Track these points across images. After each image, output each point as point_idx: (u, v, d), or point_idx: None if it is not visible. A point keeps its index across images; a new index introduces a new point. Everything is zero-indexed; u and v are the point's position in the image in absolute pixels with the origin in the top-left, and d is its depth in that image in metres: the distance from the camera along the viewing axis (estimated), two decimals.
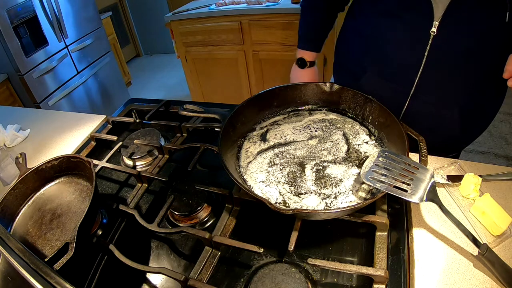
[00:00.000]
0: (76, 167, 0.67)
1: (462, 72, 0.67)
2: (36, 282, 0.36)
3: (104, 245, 0.58)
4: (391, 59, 0.72)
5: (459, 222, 0.48)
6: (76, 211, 0.62)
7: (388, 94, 0.64)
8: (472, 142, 0.84)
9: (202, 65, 2.43)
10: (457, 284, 0.48)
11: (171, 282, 0.54)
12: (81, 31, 2.47)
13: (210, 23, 2.18)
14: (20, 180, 0.65)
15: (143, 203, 0.70)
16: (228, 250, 0.57)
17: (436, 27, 0.62)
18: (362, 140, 0.66)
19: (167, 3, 3.75)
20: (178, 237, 0.62)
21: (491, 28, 0.60)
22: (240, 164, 0.64)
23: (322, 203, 0.55)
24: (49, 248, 0.57)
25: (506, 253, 0.50)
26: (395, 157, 0.53)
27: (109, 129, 0.93)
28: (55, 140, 0.94)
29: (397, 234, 0.55)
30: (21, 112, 1.15)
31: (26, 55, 2.05)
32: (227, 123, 0.64)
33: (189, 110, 0.76)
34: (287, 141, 0.68)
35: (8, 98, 2.11)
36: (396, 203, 0.60)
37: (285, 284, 0.49)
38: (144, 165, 0.80)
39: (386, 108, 0.62)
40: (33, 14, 2.07)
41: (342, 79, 0.89)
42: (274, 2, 2.01)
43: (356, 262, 0.54)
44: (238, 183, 0.53)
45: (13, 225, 0.63)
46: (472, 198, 0.58)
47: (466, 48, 0.63)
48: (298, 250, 0.55)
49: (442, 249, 0.52)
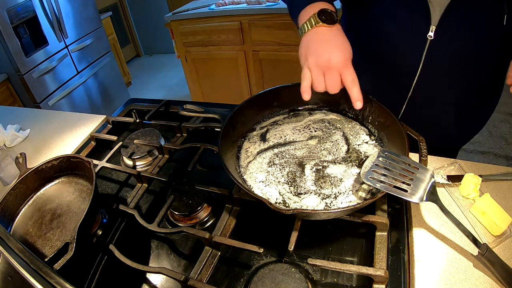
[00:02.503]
0: (76, 167, 0.67)
1: (459, 75, 0.68)
2: (36, 282, 0.36)
3: (104, 245, 0.58)
4: (389, 63, 0.72)
5: (459, 222, 0.48)
6: (76, 211, 0.62)
7: (385, 97, 0.64)
8: (472, 142, 0.85)
9: (202, 65, 2.43)
10: (457, 284, 0.48)
11: (171, 282, 0.54)
12: (81, 31, 2.47)
13: (210, 23, 2.18)
14: (20, 180, 0.65)
15: (143, 203, 0.70)
16: (228, 250, 0.57)
17: (433, 31, 0.62)
18: (362, 140, 0.66)
19: (167, 3, 3.75)
20: (178, 237, 0.62)
21: (488, 31, 0.61)
22: (240, 164, 0.64)
23: (322, 203, 0.55)
24: (49, 248, 0.57)
25: (506, 253, 0.50)
26: (395, 157, 0.53)
27: (109, 129, 0.93)
28: (55, 140, 0.94)
29: (397, 234, 0.55)
30: (21, 112, 1.15)
31: (26, 55, 2.05)
32: (227, 123, 0.64)
33: (189, 110, 0.76)
34: (287, 141, 0.68)
35: (8, 98, 2.11)
36: (396, 203, 0.60)
37: (285, 284, 0.49)
38: (144, 165, 0.80)
39: (386, 108, 0.62)
40: (33, 14, 2.07)
41: None
42: (274, 2, 2.01)
43: (356, 262, 0.54)
44: (238, 183, 0.53)
45: (13, 225, 0.63)
46: (472, 198, 0.58)
47: (464, 52, 0.64)
48: (298, 250, 0.55)
49: (442, 249, 0.52)
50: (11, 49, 1.96)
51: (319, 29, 0.58)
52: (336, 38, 0.58)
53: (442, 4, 0.59)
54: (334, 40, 0.57)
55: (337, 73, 0.56)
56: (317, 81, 0.57)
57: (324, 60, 0.56)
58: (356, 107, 0.58)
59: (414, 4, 0.62)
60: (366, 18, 0.72)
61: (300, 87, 0.59)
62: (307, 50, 0.58)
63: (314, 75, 0.57)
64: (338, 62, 0.56)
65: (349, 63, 0.57)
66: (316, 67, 0.57)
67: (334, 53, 0.55)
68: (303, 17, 0.60)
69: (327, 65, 0.56)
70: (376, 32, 0.70)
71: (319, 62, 0.56)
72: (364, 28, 0.73)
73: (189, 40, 2.32)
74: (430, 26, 0.62)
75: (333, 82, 0.56)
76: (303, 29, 0.60)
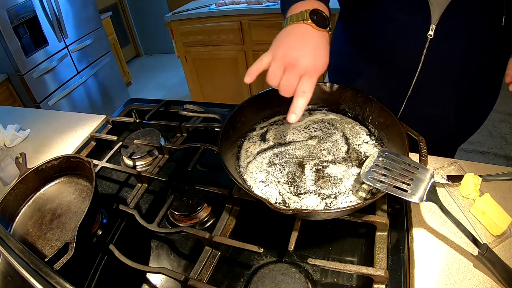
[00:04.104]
0: (76, 167, 0.67)
1: (458, 74, 0.68)
2: (36, 282, 0.36)
3: (104, 245, 0.58)
4: (388, 62, 0.72)
5: (459, 222, 0.48)
6: (76, 211, 0.62)
7: (384, 96, 0.64)
8: (472, 142, 0.85)
9: (202, 65, 2.43)
10: (457, 284, 0.48)
11: (171, 282, 0.54)
12: (81, 31, 2.47)
13: (210, 23, 2.18)
14: (20, 180, 0.65)
15: (143, 203, 0.70)
16: (228, 250, 0.57)
17: (433, 30, 0.62)
18: (362, 140, 0.66)
19: (167, 3, 3.75)
20: (178, 237, 0.62)
21: (487, 31, 0.61)
22: (240, 164, 0.64)
23: (322, 203, 0.55)
24: (49, 248, 0.57)
25: (506, 253, 0.50)
26: (395, 157, 0.53)
27: (109, 129, 0.93)
28: (55, 140, 0.94)
29: (397, 234, 0.55)
30: (21, 112, 1.15)
31: (26, 55, 2.06)
32: (227, 123, 0.64)
33: (189, 110, 0.76)
34: (287, 141, 0.68)
35: (8, 98, 2.11)
36: (396, 203, 0.60)
37: (285, 284, 0.49)
38: (144, 165, 0.80)
39: (386, 108, 0.62)
40: (33, 14, 2.07)
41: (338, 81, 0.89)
42: (274, 2, 2.01)
43: (356, 262, 0.54)
44: (238, 183, 0.53)
45: (13, 225, 0.63)
46: (472, 198, 0.58)
47: (463, 51, 0.64)
48: (298, 250, 0.55)
49: (442, 249, 0.52)
50: (11, 49, 1.96)
51: (304, 26, 0.52)
52: (317, 43, 0.52)
53: (442, 4, 0.59)
54: (314, 43, 0.51)
55: (297, 76, 0.50)
56: (273, 73, 0.51)
57: (293, 57, 0.50)
58: (289, 119, 0.51)
59: (414, 3, 0.62)
60: (366, 17, 0.72)
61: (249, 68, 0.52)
62: (281, 40, 0.52)
63: (273, 65, 0.51)
64: (306, 66, 0.50)
65: (315, 74, 0.51)
66: (280, 59, 0.51)
67: (308, 55, 0.50)
68: (294, 9, 0.55)
69: (292, 63, 0.50)
70: (376, 31, 0.70)
71: (287, 56, 0.50)
72: (364, 27, 0.73)
73: (189, 40, 2.32)
74: (430, 25, 0.62)
75: (289, 82, 0.50)
76: (289, 20, 0.54)
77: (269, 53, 0.52)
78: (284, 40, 0.52)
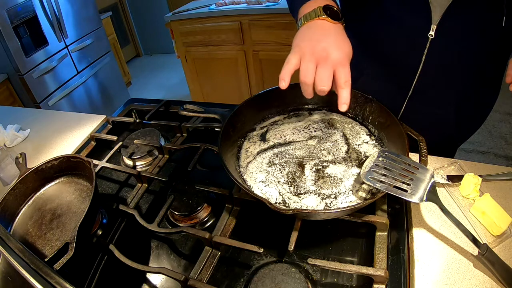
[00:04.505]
0: (76, 167, 0.67)
1: (459, 74, 0.68)
2: (36, 282, 0.36)
3: (104, 245, 0.58)
4: (389, 61, 0.72)
5: (459, 222, 0.48)
6: (76, 211, 0.62)
7: (385, 95, 0.64)
8: (472, 142, 0.85)
9: (202, 65, 2.43)
10: (457, 284, 0.48)
11: (171, 282, 0.54)
12: (81, 31, 2.47)
13: (210, 23, 2.18)
14: (20, 180, 0.65)
15: (143, 203, 0.70)
16: (228, 250, 0.57)
17: (434, 30, 0.62)
18: (362, 140, 0.66)
19: (167, 3, 3.75)
20: (178, 237, 0.62)
21: (487, 32, 0.61)
22: (240, 164, 0.64)
23: (322, 203, 0.55)
24: (49, 248, 0.57)
25: (506, 253, 0.50)
26: (395, 157, 0.53)
27: (109, 129, 0.93)
28: (55, 140, 0.94)
29: (397, 234, 0.55)
30: (21, 112, 1.15)
31: (26, 55, 2.06)
32: (227, 123, 0.64)
33: (189, 110, 0.76)
34: (287, 141, 0.68)
35: (8, 98, 2.11)
36: (396, 203, 0.60)
37: (285, 284, 0.49)
38: (144, 165, 0.80)
39: (386, 108, 0.62)
40: (33, 14, 2.07)
41: None
42: (274, 2, 2.01)
43: (356, 262, 0.54)
44: (238, 183, 0.53)
45: (13, 225, 0.63)
46: (472, 198, 0.58)
47: (463, 51, 0.64)
48: (298, 250, 0.55)
49: (442, 249, 0.52)
50: (11, 49, 1.96)
51: (321, 22, 0.54)
52: (337, 35, 0.53)
53: (443, 4, 0.59)
54: (335, 35, 0.53)
55: (331, 68, 0.50)
56: (306, 69, 0.50)
57: (322, 49, 0.50)
58: (342, 109, 0.52)
59: (415, 3, 0.62)
60: (367, 17, 0.72)
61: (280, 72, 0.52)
62: (302, 38, 0.53)
63: (305, 61, 0.50)
64: (337, 56, 0.50)
65: (347, 62, 0.52)
66: (310, 55, 0.50)
67: (334, 45, 0.51)
68: (305, 9, 0.56)
69: (323, 56, 0.50)
70: (377, 31, 0.70)
71: (316, 49, 0.50)
72: (365, 27, 0.73)
73: (189, 40, 2.32)
74: (431, 25, 0.62)
75: (325, 76, 0.49)
76: (303, 19, 0.55)
77: (295, 52, 0.52)
78: (306, 37, 0.53)
